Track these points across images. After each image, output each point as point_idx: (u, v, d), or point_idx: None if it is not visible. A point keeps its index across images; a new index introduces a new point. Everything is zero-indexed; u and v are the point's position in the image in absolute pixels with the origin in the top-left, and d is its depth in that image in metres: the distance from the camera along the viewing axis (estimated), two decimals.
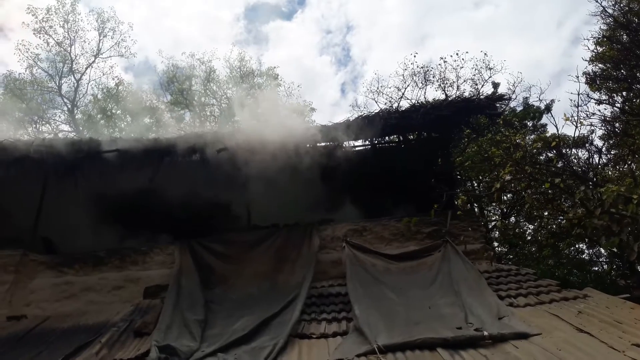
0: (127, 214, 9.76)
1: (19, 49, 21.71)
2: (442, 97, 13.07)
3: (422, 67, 17.21)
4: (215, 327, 6.12)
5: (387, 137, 9.84)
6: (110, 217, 9.76)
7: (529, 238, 13.11)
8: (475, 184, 13.44)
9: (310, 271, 7.12)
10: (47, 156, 8.24)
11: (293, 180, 9.21)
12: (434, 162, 9.79)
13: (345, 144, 9.37)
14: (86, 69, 22.90)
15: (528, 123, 14.49)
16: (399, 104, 15.76)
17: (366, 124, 8.67)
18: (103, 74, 24.63)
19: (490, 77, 15.96)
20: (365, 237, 7.92)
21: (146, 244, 8.03)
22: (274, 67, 23.91)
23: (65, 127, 22.00)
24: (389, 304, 6.03)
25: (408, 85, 17.26)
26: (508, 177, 8.16)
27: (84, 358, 5.32)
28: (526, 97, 14.52)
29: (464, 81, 16.51)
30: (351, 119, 8.91)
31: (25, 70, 21.88)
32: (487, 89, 14.85)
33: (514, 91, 14.49)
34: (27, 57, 21.86)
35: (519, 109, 14.73)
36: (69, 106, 22.21)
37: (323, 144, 8.76)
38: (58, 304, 7.32)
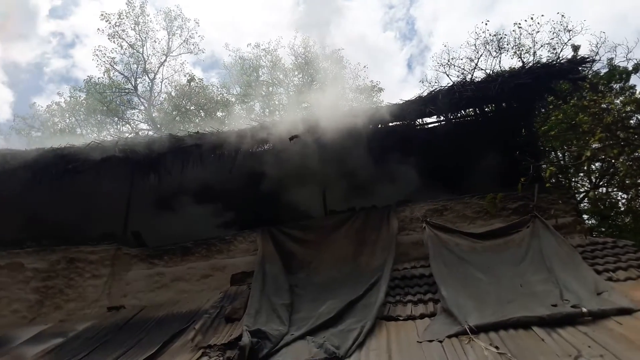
0: (208, 205, 10.13)
1: (97, 55, 22.93)
2: (519, 65, 12.36)
3: (494, 35, 16.44)
4: (301, 311, 6.20)
5: (463, 111, 9.47)
6: (193, 209, 10.16)
7: (623, 209, 12.23)
8: (560, 155, 12.69)
9: (392, 253, 7.02)
10: (131, 154, 8.69)
11: (367, 163, 9.13)
12: (515, 134, 9.31)
13: (419, 121, 9.14)
14: (159, 68, 23.84)
15: (614, 85, 13.44)
16: (472, 75, 15.13)
17: (440, 98, 8.37)
18: (175, 72, 25.50)
19: (570, 39, 14.96)
20: (446, 216, 7.68)
21: (230, 233, 8.26)
22: (338, 50, 23.72)
23: (144, 126, 23.07)
24: (478, 284, 5.83)
25: (481, 55, 16.54)
26: (598, 145, 7.61)
27: (181, 344, 5.57)
28: (611, 58, 13.42)
29: (541, 46, 15.59)
30: (423, 94, 8.65)
31: (104, 74, 23.09)
32: (567, 53, 13.95)
33: (597, 52, 13.48)
34: (104, 61, 23.07)
35: (603, 71, 13.71)
36: (146, 105, 23.26)
37: (396, 123, 8.58)
38: (152, 294, 7.72)
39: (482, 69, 16.03)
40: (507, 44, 15.98)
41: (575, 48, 14.09)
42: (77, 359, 5.63)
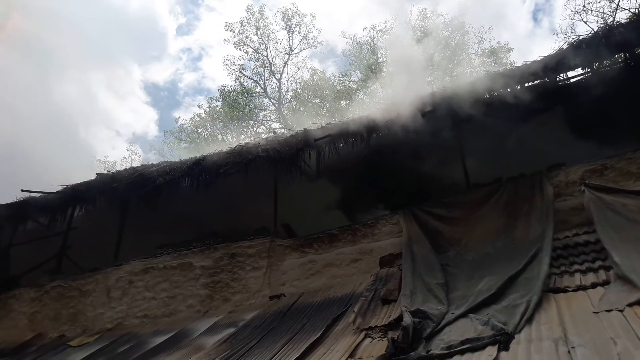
0: (346, 191, 10.34)
1: (227, 64, 24.56)
2: None
3: None
4: (457, 289, 6.06)
5: (611, 59, 8.51)
6: (331, 197, 10.45)
7: None
8: None
9: (550, 222, 6.54)
10: (273, 153, 9.18)
11: (508, 130, 8.63)
12: None
13: (563, 76, 8.40)
14: (283, 67, 24.86)
15: None
16: (614, 18, 13.52)
17: (583, 48, 7.61)
18: (298, 69, 26.44)
19: None
20: (607, 176, 6.96)
21: (372, 217, 8.33)
22: (458, 16, 22.74)
23: (276, 125, 24.25)
24: None
25: None
26: None
27: (343, 327, 5.75)
28: None
29: None
30: (564, 47, 7.93)
31: (235, 82, 24.69)
32: None
33: None
34: (233, 70, 24.65)
35: None
36: (276, 105, 24.42)
37: (537, 82, 7.97)
38: (307, 281, 8.08)
39: (625, 9, 14.23)
40: None
41: None
42: (250, 346, 6.07)
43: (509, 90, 8.18)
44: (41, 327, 9.17)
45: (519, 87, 8.18)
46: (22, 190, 10.65)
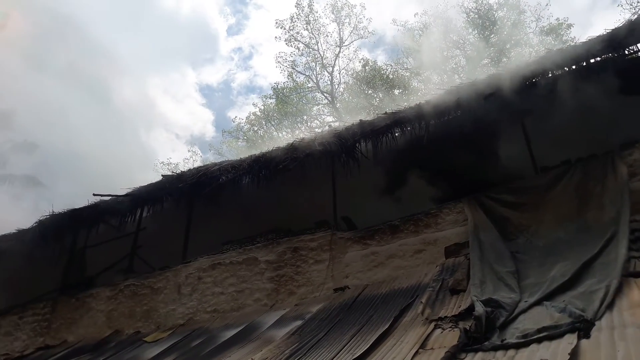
0: (406, 181, 10.22)
1: (279, 61, 24.81)
2: None
3: None
4: (529, 277, 5.87)
5: None
6: (390, 188, 10.35)
7: None
8: None
9: (625, 204, 6.20)
10: (329, 146, 9.19)
11: (575, 108, 8.22)
12: None
13: (631, 49, 7.91)
14: (334, 60, 24.84)
15: None
16: None
17: None
18: (349, 60, 26.31)
19: None
20: None
21: (435, 207, 8.19)
22: None
23: (330, 118, 24.29)
24: None
25: None
26: None
27: (411, 318, 5.69)
28: None
29: None
30: (632, 18, 7.46)
31: (287, 78, 24.91)
32: None
33: None
34: (285, 66, 24.86)
35: None
36: (329, 99, 24.44)
37: (604, 56, 7.54)
38: (370, 272, 8.04)
39: None
40: None
41: None
42: (319, 338, 6.11)
43: (573, 67, 7.81)
44: (117, 324, 9.61)
45: (584, 64, 7.79)
46: (94, 195, 11.20)
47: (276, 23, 24.52)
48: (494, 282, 5.72)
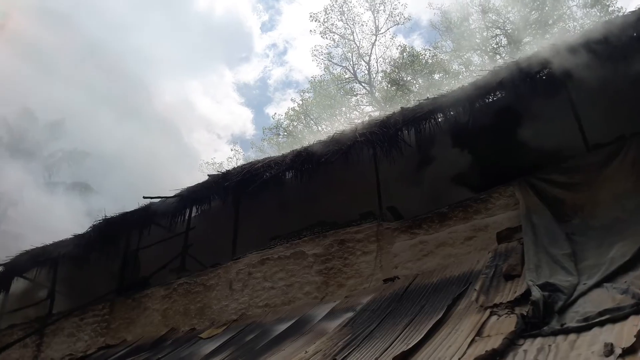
0: (452, 167, 10.00)
1: (315, 55, 24.77)
2: None
3: None
4: (586, 258, 5.66)
5: None
6: (436, 175, 10.16)
7: None
8: None
9: None
10: (371, 135, 9.11)
11: (628, 81, 7.83)
12: None
13: None
14: (371, 49, 24.59)
15: None
16: None
17: None
18: (386, 48, 25.97)
19: None
20: None
21: (484, 192, 7.98)
22: None
23: (369, 108, 24.09)
24: None
25: None
26: None
27: (465, 306, 5.57)
28: None
29: None
30: None
31: (324, 71, 24.84)
32: None
33: None
34: (321, 59, 24.80)
35: None
36: (367, 88, 24.24)
37: None
38: (420, 262, 7.93)
39: None
40: None
41: None
42: (371, 329, 6.08)
43: (623, 39, 7.41)
44: (173, 322, 9.88)
45: (635, 34, 7.38)
46: (144, 197, 11.50)
47: (310, 16, 24.55)
48: (550, 266, 5.54)
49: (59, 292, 12.29)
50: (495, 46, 21.49)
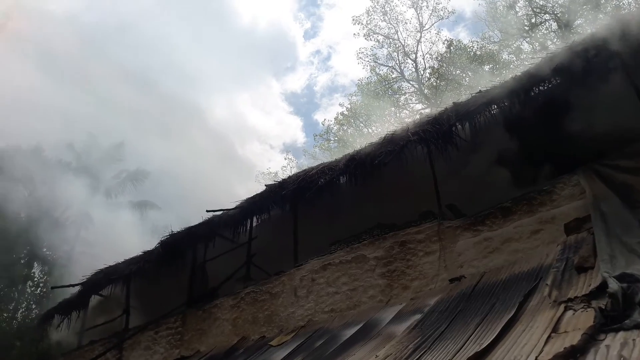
0: (507, 161, 9.74)
1: (360, 57, 24.75)
2: None
3: None
4: None
5: None
6: (494, 169, 9.91)
7: None
8: None
9: None
10: (423, 133, 9.03)
11: None
12: None
13: None
14: (417, 46, 24.32)
15: None
16: None
17: None
18: (432, 44, 25.61)
19: None
20: None
21: (547, 183, 7.74)
22: None
23: (419, 106, 23.81)
24: None
25: None
26: None
27: (537, 302, 5.43)
28: None
29: None
30: None
31: (370, 72, 24.78)
32: None
33: None
34: (367, 61, 24.76)
35: None
36: (416, 86, 23.97)
37: None
38: (486, 259, 7.76)
39: None
40: None
41: None
42: (441, 330, 6.02)
43: None
44: (243, 330, 10.12)
45: None
46: (207, 211, 11.92)
47: (353, 20, 24.60)
48: (626, 256, 5.30)
49: (133, 307, 12.86)
50: (545, 32, 20.75)
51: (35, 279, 20.81)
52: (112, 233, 18.45)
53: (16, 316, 20.20)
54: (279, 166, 30.43)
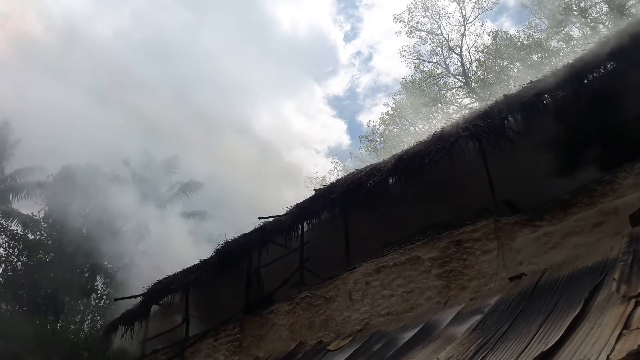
0: (565, 153, 9.37)
1: (403, 55, 24.52)
2: None
3: None
4: None
5: None
6: (551, 161, 9.54)
7: None
8: None
9: None
10: (474, 128, 8.80)
11: None
12: None
13: None
14: (461, 40, 23.85)
15: None
16: None
17: None
18: (477, 36, 25.01)
19: None
20: None
21: (608, 173, 7.39)
22: None
23: (467, 100, 23.30)
24: None
25: None
26: None
27: (604, 298, 5.17)
28: None
29: None
30: None
31: (414, 70, 24.48)
32: None
33: None
34: (410, 59, 24.48)
35: None
36: (462, 80, 23.48)
37: None
38: (546, 255, 7.48)
39: None
40: None
41: None
42: (503, 330, 5.84)
43: None
44: (300, 336, 10.16)
45: None
46: (259, 218, 12.10)
47: (394, 18, 24.39)
48: None
49: (192, 316, 13.16)
50: (596, 15, 19.87)
51: (99, 292, 21.70)
52: (169, 243, 19.03)
53: (83, 328, 21.15)
54: (325, 170, 30.54)
